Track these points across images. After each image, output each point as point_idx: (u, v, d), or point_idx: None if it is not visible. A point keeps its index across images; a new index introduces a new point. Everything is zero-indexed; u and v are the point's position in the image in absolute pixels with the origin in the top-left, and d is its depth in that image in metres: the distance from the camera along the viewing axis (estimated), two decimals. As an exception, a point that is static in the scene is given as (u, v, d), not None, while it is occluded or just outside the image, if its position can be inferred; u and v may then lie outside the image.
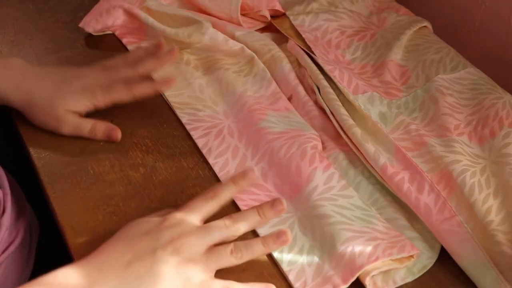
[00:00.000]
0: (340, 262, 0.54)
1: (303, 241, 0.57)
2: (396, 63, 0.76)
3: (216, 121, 0.68)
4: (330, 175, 0.61)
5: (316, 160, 0.61)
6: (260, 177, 0.63)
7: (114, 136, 0.66)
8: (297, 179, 0.60)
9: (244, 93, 0.70)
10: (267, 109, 0.68)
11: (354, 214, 0.58)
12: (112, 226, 0.57)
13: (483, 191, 0.58)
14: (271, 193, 0.61)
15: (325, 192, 0.59)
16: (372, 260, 0.53)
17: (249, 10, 0.82)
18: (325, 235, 0.56)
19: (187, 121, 0.69)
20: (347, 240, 0.55)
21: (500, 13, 0.80)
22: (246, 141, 0.66)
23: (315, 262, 0.55)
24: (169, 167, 0.64)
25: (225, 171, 0.63)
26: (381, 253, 0.54)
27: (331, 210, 0.57)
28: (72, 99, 0.65)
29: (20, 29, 0.82)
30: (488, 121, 0.66)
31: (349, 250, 0.54)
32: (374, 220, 0.58)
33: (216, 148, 0.65)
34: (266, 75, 0.72)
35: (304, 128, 0.66)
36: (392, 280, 0.54)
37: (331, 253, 0.55)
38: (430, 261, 0.56)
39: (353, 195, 0.60)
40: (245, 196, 0.60)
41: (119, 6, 0.79)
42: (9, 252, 0.62)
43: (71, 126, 0.65)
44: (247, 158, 0.64)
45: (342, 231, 0.55)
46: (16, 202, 0.65)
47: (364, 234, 0.56)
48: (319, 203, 0.58)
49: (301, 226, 0.58)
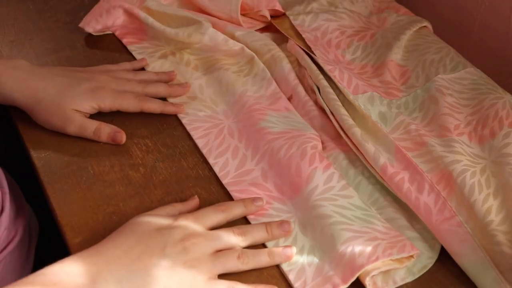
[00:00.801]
0: (340, 262, 0.54)
1: (303, 241, 0.57)
2: (396, 63, 0.76)
3: (216, 121, 0.68)
4: (330, 175, 0.61)
5: (316, 160, 0.61)
6: (260, 177, 0.63)
7: (119, 139, 0.66)
8: (297, 179, 0.60)
9: (244, 93, 0.70)
10: (267, 109, 0.68)
11: (354, 214, 0.58)
12: (112, 226, 0.57)
13: (483, 191, 0.58)
14: (271, 193, 0.61)
15: (325, 192, 0.59)
16: (372, 260, 0.53)
17: (249, 10, 0.82)
18: (325, 235, 0.56)
19: (187, 121, 0.69)
20: (347, 240, 0.55)
21: (500, 12, 0.80)
22: (246, 141, 0.66)
23: (315, 262, 0.55)
24: (169, 167, 0.64)
25: (225, 171, 0.63)
26: (381, 253, 0.54)
27: (331, 210, 0.57)
28: (79, 99, 0.65)
29: (20, 29, 0.82)
30: (488, 121, 0.66)
31: (349, 250, 0.54)
32: (374, 220, 0.58)
33: (216, 148, 0.65)
34: (266, 75, 0.72)
35: (304, 128, 0.66)
36: (392, 280, 0.54)
37: (331, 253, 0.55)
38: (430, 261, 0.56)
39: (353, 195, 0.60)
40: (244, 196, 0.61)
41: (119, 6, 0.79)
42: (7, 251, 0.62)
43: (77, 126, 0.65)
44: (247, 158, 0.64)
45: (342, 231, 0.55)
46: (15, 202, 0.65)
47: (364, 234, 0.56)
48: (319, 203, 0.58)
49: (301, 226, 0.58)
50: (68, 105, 0.65)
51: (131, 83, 0.69)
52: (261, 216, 0.59)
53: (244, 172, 0.63)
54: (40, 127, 0.66)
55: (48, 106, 0.65)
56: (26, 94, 0.65)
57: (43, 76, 0.66)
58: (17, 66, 0.66)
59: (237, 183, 0.62)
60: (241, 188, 0.62)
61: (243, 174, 0.63)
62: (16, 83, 0.65)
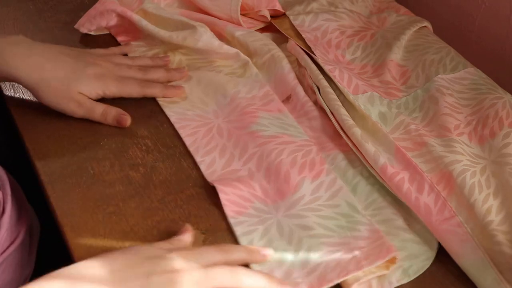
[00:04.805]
0: (311, 274, 0.54)
1: (277, 244, 0.56)
2: (396, 63, 0.76)
3: (206, 120, 0.68)
4: (319, 185, 0.61)
5: (306, 170, 0.61)
6: (246, 177, 0.62)
7: (124, 121, 0.67)
8: (284, 185, 0.60)
9: (236, 95, 0.70)
10: (260, 110, 0.68)
11: (338, 224, 0.58)
12: (112, 226, 0.57)
13: (483, 191, 0.58)
14: (255, 191, 0.61)
15: (311, 203, 0.59)
16: (342, 275, 0.53)
17: (249, 10, 0.82)
18: (302, 246, 0.56)
19: (176, 119, 0.68)
20: (322, 255, 0.55)
21: (500, 13, 0.80)
22: (235, 141, 0.66)
23: (285, 266, 0.55)
24: (169, 167, 0.64)
25: (211, 170, 0.63)
26: (354, 266, 0.53)
27: (313, 222, 0.57)
28: (87, 84, 0.66)
29: (20, 29, 0.82)
30: (488, 121, 0.66)
31: (322, 265, 0.54)
32: (359, 226, 0.57)
33: (204, 146, 0.65)
34: (260, 80, 0.72)
35: (296, 133, 0.66)
36: (388, 282, 0.54)
37: (304, 263, 0.55)
38: (426, 263, 0.56)
39: (340, 203, 0.59)
40: (229, 190, 0.60)
41: (112, 10, 0.78)
42: (8, 252, 0.62)
43: (86, 108, 0.66)
44: (234, 158, 0.64)
45: (320, 245, 0.55)
46: (16, 203, 0.65)
47: (342, 246, 0.55)
48: (303, 213, 0.58)
49: (279, 229, 0.58)
50: (76, 89, 0.66)
51: (132, 69, 0.71)
52: (240, 214, 0.59)
53: (230, 171, 0.63)
54: (40, 127, 0.66)
55: (56, 88, 0.65)
56: (29, 72, 0.65)
57: (44, 54, 0.66)
58: (17, 42, 0.66)
59: (223, 180, 0.62)
60: (226, 182, 0.61)
61: (229, 173, 0.63)
62: (18, 59, 0.65)
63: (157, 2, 0.83)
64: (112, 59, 0.71)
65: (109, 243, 0.56)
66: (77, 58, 0.68)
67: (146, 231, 0.57)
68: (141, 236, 0.57)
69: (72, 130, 0.67)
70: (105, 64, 0.69)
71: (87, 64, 0.67)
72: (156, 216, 0.59)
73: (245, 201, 0.60)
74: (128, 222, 0.58)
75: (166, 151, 0.66)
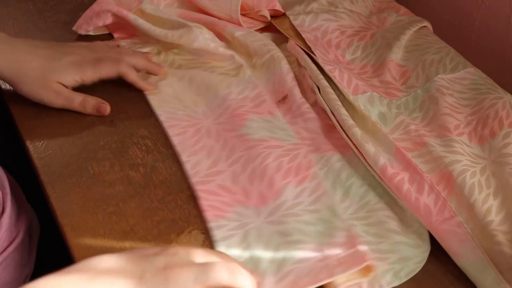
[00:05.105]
0: (285, 279, 0.53)
1: (255, 250, 0.56)
2: (396, 63, 0.76)
3: (195, 121, 0.68)
4: (302, 190, 0.60)
5: (291, 175, 0.61)
6: (230, 180, 0.62)
7: (103, 110, 0.68)
8: (267, 190, 0.60)
9: (228, 96, 0.70)
10: (250, 113, 0.68)
11: (316, 230, 0.57)
12: (112, 226, 0.57)
13: (483, 191, 0.58)
14: (236, 196, 0.60)
15: (292, 208, 0.59)
16: (313, 282, 0.53)
17: (249, 10, 0.82)
18: (279, 252, 0.56)
19: (165, 118, 0.68)
20: (296, 262, 0.54)
21: (500, 13, 0.80)
22: (223, 142, 0.65)
23: (259, 271, 0.54)
24: (169, 167, 0.64)
25: (196, 170, 0.63)
26: (326, 275, 0.53)
27: (292, 228, 0.57)
28: (63, 73, 0.67)
29: (20, 29, 0.82)
30: (488, 121, 0.66)
31: (295, 271, 0.54)
32: (337, 232, 0.57)
33: (191, 146, 0.65)
34: (253, 81, 0.72)
35: (284, 137, 0.65)
36: (378, 285, 0.54)
37: (277, 269, 0.54)
38: (418, 265, 0.56)
39: (321, 208, 0.59)
40: (210, 197, 0.60)
41: (108, 11, 0.78)
42: (8, 252, 0.62)
43: (64, 98, 0.67)
44: (221, 159, 0.64)
45: (295, 252, 0.55)
46: (16, 203, 0.65)
47: (317, 253, 0.55)
48: (283, 219, 0.58)
49: (257, 235, 0.57)
50: (54, 78, 0.67)
51: (110, 53, 0.71)
52: (221, 218, 0.58)
53: (215, 172, 0.62)
54: (40, 127, 0.67)
55: (34, 79, 0.66)
56: (10, 67, 0.66)
57: (24, 49, 0.67)
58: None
59: (206, 183, 0.61)
60: (208, 188, 0.61)
61: (214, 174, 0.62)
62: (0, 56, 0.66)
63: (157, 2, 0.83)
64: (93, 47, 0.72)
65: (109, 243, 0.56)
66: (55, 49, 0.69)
67: (146, 231, 0.57)
68: (141, 236, 0.57)
69: (72, 130, 0.67)
70: (82, 51, 0.70)
71: (64, 54, 0.68)
72: (156, 216, 0.59)
73: (227, 206, 0.60)
74: (128, 222, 0.58)
75: (166, 151, 0.66)
